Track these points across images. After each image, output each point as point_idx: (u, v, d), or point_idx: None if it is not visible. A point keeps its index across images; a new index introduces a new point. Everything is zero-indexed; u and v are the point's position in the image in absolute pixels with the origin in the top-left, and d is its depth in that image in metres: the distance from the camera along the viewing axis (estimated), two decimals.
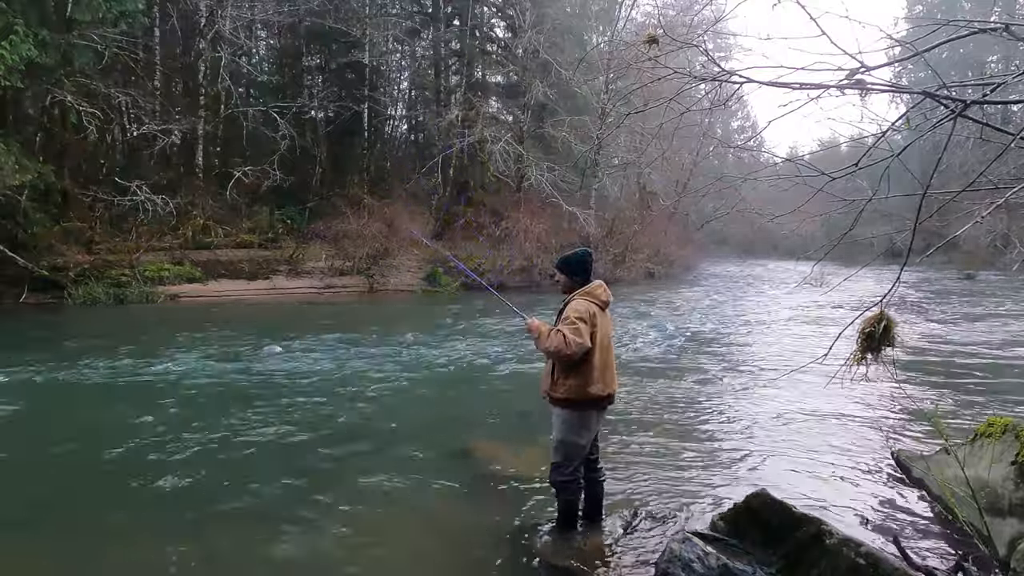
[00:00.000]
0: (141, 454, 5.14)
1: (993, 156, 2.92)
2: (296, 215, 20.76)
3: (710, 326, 13.26)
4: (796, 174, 3.36)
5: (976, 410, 6.48)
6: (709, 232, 40.04)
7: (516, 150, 21.89)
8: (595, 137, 23.63)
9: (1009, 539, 3.29)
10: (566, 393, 3.51)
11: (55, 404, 6.67)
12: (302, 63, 24.83)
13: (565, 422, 3.58)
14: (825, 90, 2.59)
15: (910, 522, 4.05)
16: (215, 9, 18.97)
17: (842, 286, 5.92)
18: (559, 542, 3.68)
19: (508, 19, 25.90)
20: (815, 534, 2.93)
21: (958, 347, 10.61)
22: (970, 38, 3.21)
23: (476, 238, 22.03)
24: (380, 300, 18.00)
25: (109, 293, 15.07)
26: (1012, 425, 3.79)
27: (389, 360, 9.02)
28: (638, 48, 4.77)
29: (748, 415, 6.53)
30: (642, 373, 8.39)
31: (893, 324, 2.79)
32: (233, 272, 17.82)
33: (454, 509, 4.24)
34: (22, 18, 12.66)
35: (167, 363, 8.43)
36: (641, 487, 4.57)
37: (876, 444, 5.58)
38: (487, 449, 5.35)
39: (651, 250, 27.19)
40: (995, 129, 3.01)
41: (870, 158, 2.94)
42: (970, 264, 26.67)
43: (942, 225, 6.02)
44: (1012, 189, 2.62)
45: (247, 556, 3.59)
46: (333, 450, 5.34)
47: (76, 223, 16.35)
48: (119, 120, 17.66)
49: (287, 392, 7.15)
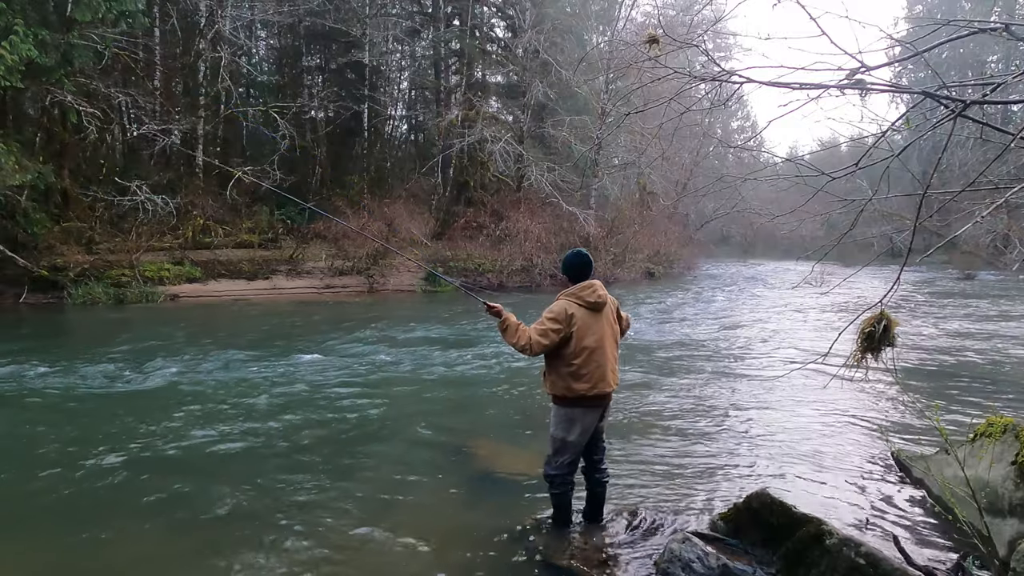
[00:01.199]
0: (141, 454, 5.14)
1: (993, 156, 2.92)
2: (296, 215, 20.77)
3: (710, 326, 13.25)
4: (796, 174, 3.36)
5: (976, 410, 6.48)
6: (709, 232, 40.06)
7: (516, 150, 21.89)
8: (595, 137, 23.63)
9: (1009, 539, 3.29)
10: (552, 389, 3.63)
11: (53, 406, 6.66)
12: (302, 63, 24.84)
13: (553, 417, 3.68)
14: (825, 90, 2.59)
15: (910, 522, 4.04)
16: (215, 9, 18.97)
17: (842, 286, 5.92)
18: (559, 541, 3.68)
19: (508, 19, 25.91)
20: (815, 534, 2.93)
21: (958, 347, 10.61)
22: (970, 38, 3.22)
23: (476, 238, 22.05)
24: (380, 300, 17.99)
25: (109, 293, 15.08)
26: (1012, 425, 3.78)
27: (388, 360, 9.02)
28: (638, 48, 4.77)
29: (748, 415, 6.53)
30: (642, 373, 8.40)
31: (893, 324, 2.79)
32: (233, 272, 17.82)
33: (454, 509, 4.23)
34: (22, 18, 12.66)
35: (166, 364, 8.43)
36: (641, 487, 4.57)
37: (876, 444, 5.57)
38: (487, 449, 5.35)
39: (651, 250, 27.20)
40: (995, 129, 3.01)
41: (870, 158, 2.94)
42: (970, 264, 26.66)
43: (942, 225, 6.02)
44: (1012, 189, 2.62)
45: (246, 556, 3.59)
46: (332, 450, 5.34)
47: (76, 223, 16.36)
48: (119, 120, 17.68)
49: (285, 392, 7.15)
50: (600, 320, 3.61)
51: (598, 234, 23.24)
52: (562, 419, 3.62)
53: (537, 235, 21.21)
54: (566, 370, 3.52)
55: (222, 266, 17.76)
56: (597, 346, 3.56)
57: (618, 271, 23.62)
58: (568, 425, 3.61)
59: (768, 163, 13.72)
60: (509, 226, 21.61)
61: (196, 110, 19.57)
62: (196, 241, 18.03)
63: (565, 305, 3.55)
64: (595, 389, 3.54)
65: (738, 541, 3.19)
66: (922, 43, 2.85)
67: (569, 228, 22.33)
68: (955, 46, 33.05)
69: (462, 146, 22.12)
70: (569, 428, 3.61)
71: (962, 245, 21.65)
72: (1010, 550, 3.14)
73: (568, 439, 3.62)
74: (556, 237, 21.84)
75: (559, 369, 3.55)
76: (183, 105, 19.65)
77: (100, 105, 15.53)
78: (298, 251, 19.45)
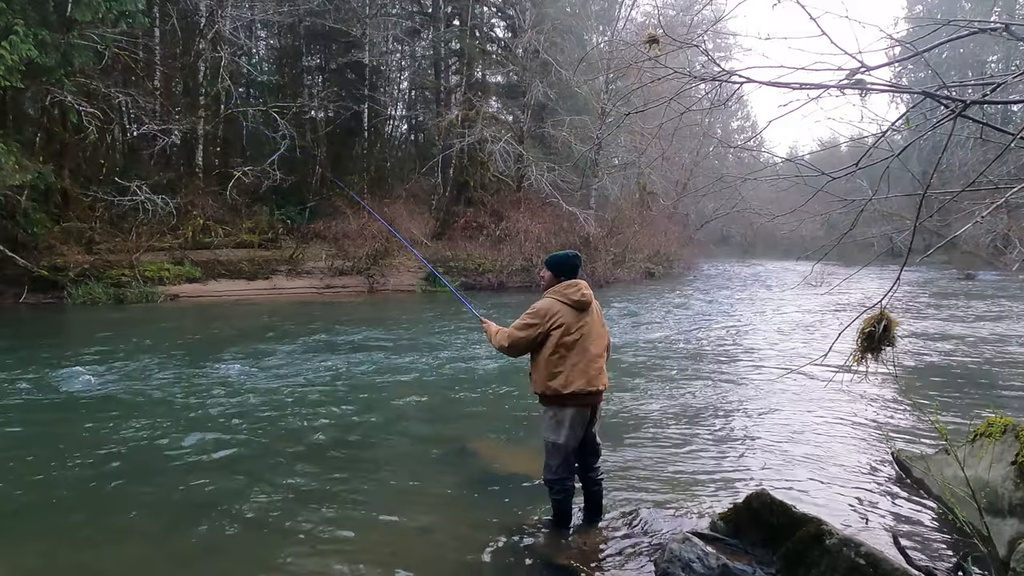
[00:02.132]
0: (140, 455, 5.14)
1: (993, 156, 2.92)
2: (296, 215, 20.77)
3: (709, 326, 13.25)
4: (796, 174, 3.36)
5: (976, 410, 6.48)
6: (709, 232, 40.07)
7: (516, 150, 21.89)
8: (595, 137, 23.62)
9: (1009, 539, 3.29)
10: (538, 388, 3.63)
11: (54, 406, 6.66)
12: (302, 63, 24.84)
13: (541, 419, 3.70)
14: (825, 90, 2.58)
15: (910, 522, 4.05)
16: (215, 9, 18.97)
17: (842, 286, 5.92)
18: (559, 542, 3.68)
19: (508, 19, 25.90)
20: (815, 534, 2.93)
21: (958, 347, 10.61)
22: (970, 38, 3.22)
23: (476, 238, 22.05)
24: (380, 300, 18.00)
25: (109, 293, 15.08)
26: (1012, 425, 3.78)
27: (387, 360, 9.02)
28: (638, 48, 4.77)
29: (748, 415, 6.53)
30: (641, 373, 8.40)
31: (893, 324, 2.79)
32: (233, 272, 17.82)
33: (454, 509, 4.23)
34: (22, 18, 12.65)
35: (166, 364, 8.43)
36: (641, 487, 4.57)
37: (876, 444, 5.58)
38: (487, 449, 5.35)
39: (651, 250, 27.20)
40: (995, 129, 3.01)
41: (870, 158, 2.94)
42: (970, 264, 26.69)
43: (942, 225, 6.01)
44: (1012, 189, 2.62)
45: (245, 556, 3.59)
46: (331, 451, 5.34)
47: (76, 223, 16.36)
48: (119, 120, 17.66)
49: (283, 393, 7.15)
50: (584, 319, 3.59)
51: (598, 234, 23.24)
52: (549, 420, 3.63)
53: (537, 235, 21.20)
54: (549, 368, 3.54)
55: (222, 266, 17.76)
56: (581, 344, 3.55)
57: (618, 271, 23.63)
58: (555, 426, 3.60)
59: (768, 163, 13.74)
60: (509, 226, 21.61)
61: (196, 110, 19.56)
62: (196, 241, 18.03)
63: (549, 303, 3.58)
64: (580, 387, 3.52)
65: (738, 541, 3.19)
66: (922, 43, 2.85)
67: (569, 228, 22.33)
68: (955, 46, 33.06)
69: (462, 146, 22.12)
70: (557, 429, 3.60)
71: (962, 245, 21.68)
72: (1010, 550, 3.14)
73: (557, 441, 3.60)
74: (556, 237, 21.83)
75: (543, 367, 3.56)
76: (183, 105, 19.64)
77: (100, 105, 15.51)
78: (298, 251, 19.45)
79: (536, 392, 3.67)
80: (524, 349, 3.63)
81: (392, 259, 20.17)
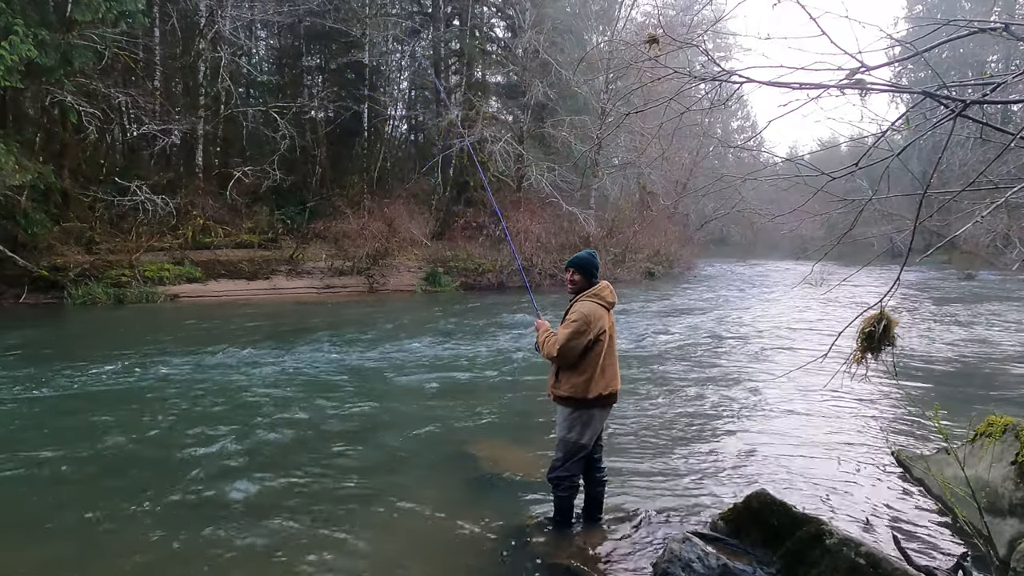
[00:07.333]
0: (140, 455, 5.14)
1: (993, 156, 2.92)
2: (296, 215, 20.76)
3: (709, 326, 13.25)
4: (796, 174, 3.36)
5: (976, 410, 6.47)
6: (709, 232, 40.02)
7: (516, 150, 21.89)
8: (595, 137, 23.62)
9: (1009, 539, 3.29)
10: (569, 392, 3.56)
11: (53, 406, 6.66)
12: (302, 63, 24.84)
13: (567, 420, 3.63)
14: (825, 90, 2.58)
15: (910, 522, 4.04)
16: (215, 9, 18.97)
17: (842, 286, 5.92)
18: (559, 541, 3.68)
19: (508, 19, 25.90)
20: (815, 534, 2.93)
21: (958, 347, 10.61)
22: (970, 38, 3.22)
23: (476, 238, 22.05)
24: (380, 300, 17.98)
25: (109, 293, 15.07)
26: (1012, 425, 3.78)
27: (387, 360, 9.02)
28: (638, 48, 4.77)
29: (748, 415, 6.54)
30: (641, 373, 8.39)
31: (893, 324, 2.78)
32: (233, 272, 17.82)
33: (454, 509, 4.23)
34: (22, 18, 12.65)
35: (166, 364, 8.43)
36: (641, 487, 4.57)
37: (876, 444, 5.58)
38: (487, 449, 5.35)
39: (651, 250, 27.19)
40: (995, 129, 3.01)
41: (870, 158, 2.93)
42: (970, 264, 26.68)
43: (942, 225, 6.01)
44: (1012, 189, 2.62)
45: (244, 557, 3.59)
46: (331, 451, 5.34)
47: (76, 223, 16.36)
48: (119, 120, 17.67)
49: (282, 393, 7.15)
50: (611, 319, 3.67)
51: (598, 234, 23.25)
52: (576, 421, 3.61)
53: (537, 235, 21.20)
54: (590, 372, 3.51)
55: (222, 266, 17.76)
56: (612, 345, 3.64)
57: (618, 271, 23.62)
58: (583, 428, 3.61)
59: (768, 163, 13.72)
60: (509, 226, 21.59)
61: (196, 110, 19.57)
62: (196, 241, 18.03)
63: (591, 307, 3.56)
64: (610, 388, 3.59)
65: (738, 541, 3.19)
66: (922, 43, 2.84)
67: (569, 228, 22.33)
68: (955, 46, 33.05)
69: (462, 146, 22.12)
70: (584, 430, 3.62)
71: (962, 245, 21.68)
72: (1010, 550, 3.14)
73: (581, 441, 3.63)
74: (556, 237, 21.83)
75: (579, 369, 3.52)
76: (183, 105, 19.64)
77: (100, 105, 15.52)
78: (298, 251, 19.44)
79: (570, 396, 3.57)
80: (575, 359, 3.52)
81: (392, 259, 20.17)
